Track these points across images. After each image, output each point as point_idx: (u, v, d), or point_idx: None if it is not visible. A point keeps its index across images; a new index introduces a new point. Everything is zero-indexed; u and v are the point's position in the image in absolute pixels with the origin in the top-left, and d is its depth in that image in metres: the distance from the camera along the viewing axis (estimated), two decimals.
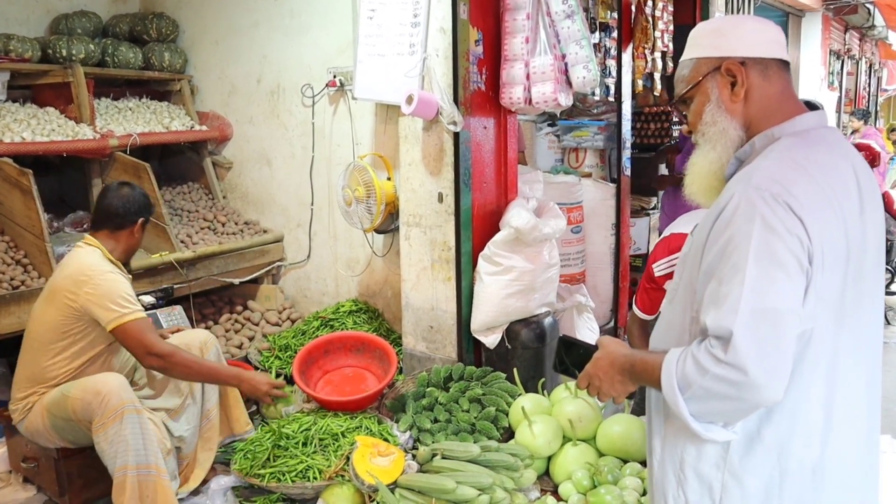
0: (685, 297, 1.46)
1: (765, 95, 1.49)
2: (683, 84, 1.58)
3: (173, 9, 4.80)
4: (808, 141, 1.43)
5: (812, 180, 1.34)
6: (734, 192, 1.35)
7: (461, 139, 3.23)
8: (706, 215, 1.44)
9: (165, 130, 4.44)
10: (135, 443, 2.62)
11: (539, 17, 3.25)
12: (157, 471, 2.65)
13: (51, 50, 4.12)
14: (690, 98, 1.56)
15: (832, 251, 1.32)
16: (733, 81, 1.49)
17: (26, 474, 3.07)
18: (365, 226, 3.75)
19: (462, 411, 2.97)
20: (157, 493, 2.64)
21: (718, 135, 1.51)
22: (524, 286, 3.30)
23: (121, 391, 2.65)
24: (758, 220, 1.29)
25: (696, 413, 1.32)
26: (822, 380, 1.36)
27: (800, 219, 1.28)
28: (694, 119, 1.56)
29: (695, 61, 1.55)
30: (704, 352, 1.28)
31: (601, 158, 5.04)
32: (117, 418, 2.62)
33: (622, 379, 1.53)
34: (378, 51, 3.48)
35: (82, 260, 2.78)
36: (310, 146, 4.24)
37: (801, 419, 1.37)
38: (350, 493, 2.64)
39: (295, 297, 4.55)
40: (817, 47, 10.18)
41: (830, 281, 1.33)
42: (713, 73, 1.51)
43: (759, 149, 1.46)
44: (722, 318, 1.27)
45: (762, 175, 1.34)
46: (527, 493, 2.65)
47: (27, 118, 3.89)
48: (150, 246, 4.03)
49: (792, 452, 1.37)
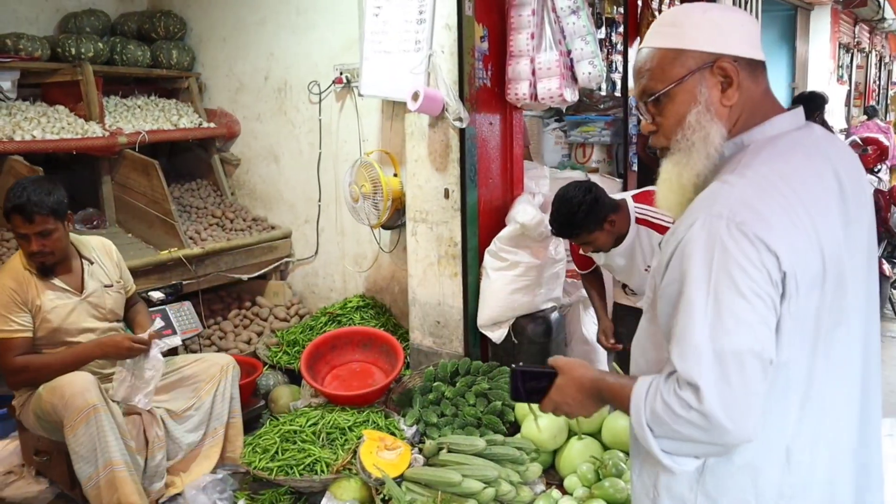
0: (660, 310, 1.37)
1: (750, 98, 1.34)
2: (661, 78, 1.35)
3: (181, 7, 4.83)
4: (779, 149, 1.30)
5: (782, 199, 1.23)
6: (696, 218, 1.24)
7: (467, 135, 3.25)
8: (670, 234, 1.33)
9: (174, 128, 4.47)
10: (102, 443, 2.62)
11: (544, 13, 3.26)
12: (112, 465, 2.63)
13: (60, 48, 4.16)
14: (668, 96, 1.35)
15: (806, 274, 1.23)
16: (724, 82, 1.32)
17: (38, 467, 3.10)
18: (372, 222, 3.77)
19: (468, 405, 2.99)
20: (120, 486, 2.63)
21: (702, 142, 1.32)
22: (530, 281, 3.32)
23: (85, 392, 2.62)
24: (719, 253, 1.20)
25: (667, 448, 1.25)
26: (796, 405, 1.29)
27: (768, 247, 1.19)
28: (672, 122, 1.36)
29: (675, 52, 1.34)
30: (673, 395, 1.21)
31: (608, 154, 5.04)
32: (83, 420, 2.60)
33: (590, 402, 1.44)
34: (384, 48, 3.49)
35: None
36: (317, 143, 4.26)
37: (775, 445, 1.30)
38: (357, 487, 2.66)
39: (303, 293, 4.58)
40: (826, 41, 10.12)
41: (805, 306, 1.24)
42: (702, 70, 1.32)
43: (726, 156, 1.34)
44: (686, 364, 1.20)
45: (725, 200, 1.23)
46: (532, 486, 2.67)
47: (37, 116, 3.93)
48: (158, 243, 4.06)
49: (767, 478, 1.31)
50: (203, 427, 3.05)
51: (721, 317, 1.19)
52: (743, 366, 1.18)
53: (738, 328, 1.18)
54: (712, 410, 1.17)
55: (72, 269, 2.92)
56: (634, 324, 1.51)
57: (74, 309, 2.86)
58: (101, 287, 2.98)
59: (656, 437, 1.25)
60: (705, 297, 1.20)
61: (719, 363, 1.18)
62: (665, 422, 1.22)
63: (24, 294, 2.75)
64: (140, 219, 4.18)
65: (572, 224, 2.82)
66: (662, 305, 1.31)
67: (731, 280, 1.19)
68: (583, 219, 2.79)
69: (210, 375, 3.07)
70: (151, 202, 4.09)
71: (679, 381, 1.22)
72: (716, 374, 1.18)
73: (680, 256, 1.26)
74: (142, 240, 4.15)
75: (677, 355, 1.22)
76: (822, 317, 1.27)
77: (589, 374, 1.44)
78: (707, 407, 1.17)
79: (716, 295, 1.20)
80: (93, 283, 2.95)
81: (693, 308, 1.22)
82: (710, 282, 1.20)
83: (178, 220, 4.06)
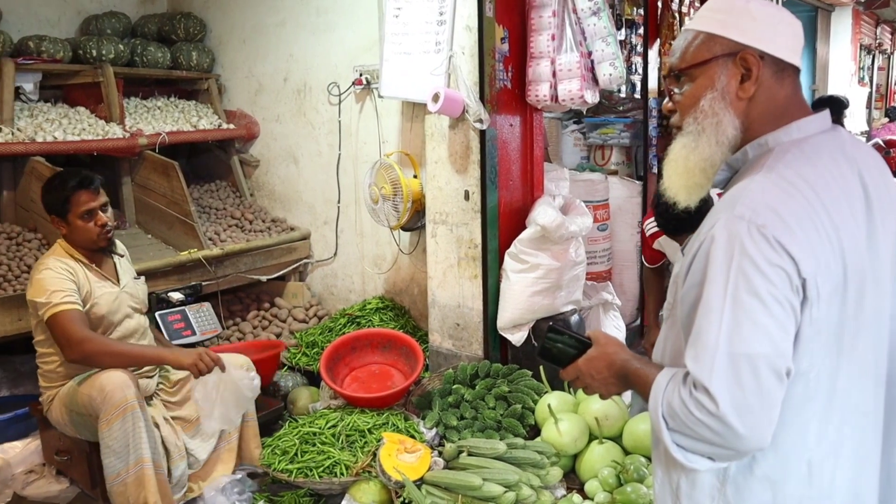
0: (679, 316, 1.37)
1: (771, 98, 1.34)
2: (686, 58, 1.38)
3: (201, 9, 4.85)
4: (803, 152, 1.29)
5: (805, 204, 1.22)
6: (717, 219, 1.25)
7: (487, 137, 3.23)
8: (694, 236, 1.33)
9: (193, 129, 4.49)
10: (136, 440, 2.63)
11: (565, 15, 3.24)
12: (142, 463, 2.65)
13: (81, 50, 4.19)
14: (689, 77, 1.37)
15: (827, 281, 1.21)
16: (745, 74, 1.32)
17: (59, 467, 3.12)
18: (391, 223, 3.76)
19: (488, 409, 2.98)
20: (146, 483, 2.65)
21: (712, 128, 1.34)
22: (550, 284, 3.30)
23: (125, 388, 2.65)
24: (738, 255, 1.19)
25: (681, 444, 1.25)
26: (817, 415, 1.28)
27: (788, 252, 1.18)
28: (688, 102, 1.37)
29: (707, 36, 1.35)
30: (689, 394, 1.21)
31: (627, 156, 5.01)
32: (120, 415, 2.62)
33: (616, 382, 1.45)
34: (404, 49, 3.49)
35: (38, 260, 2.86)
36: (336, 144, 4.26)
37: (796, 456, 1.28)
38: (376, 489, 2.65)
39: (322, 295, 4.58)
40: (847, 42, 10.02)
41: (826, 313, 1.23)
42: (726, 57, 1.33)
43: (750, 158, 1.34)
44: (699, 366, 1.20)
45: (748, 201, 1.23)
46: (553, 490, 2.65)
47: (59, 118, 3.96)
48: (178, 243, 4.08)
49: (788, 489, 1.29)
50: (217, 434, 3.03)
51: (737, 320, 1.19)
52: (757, 371, 1.17)
53: (754, 332, 1.18)
54: (727, 415, 1.17)
55: (107, 261, 3.00)
56: None
57: (117, 297, 2.93)
58: (132, 279, 3.07)
59: (670, 429, 1.25)
60: (722, 299, 1.20)
61: (733, 367, 1.18)
62: (680, 418, 1.23)
63: (76, 277, 2.80)
64: (160, 220, 4.20)
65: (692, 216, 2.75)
66: (682, 309, 1.31)
67: (749, 283, 1.18)
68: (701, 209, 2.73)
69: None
70: (171, 203, 4.11)
71: (694, 382, 1.21)
72: (728, 379, 1.18)
73: (702, 259, 1.26)
74: (161, 240, 4.17)
75: (692, 357, 1.23)
76: (844, 325, 1.26)
77: (622, 355, 1.44)
78: (722, 412, 1.17)
79: (733, 297, 1.19)
80: (125, 275, 3.03)
81: (710, 310, 1.21)
82: (729, 283, 1.20)
83: (198, 221, 4.07)
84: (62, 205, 2.80)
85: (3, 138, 3.61)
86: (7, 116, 3.72)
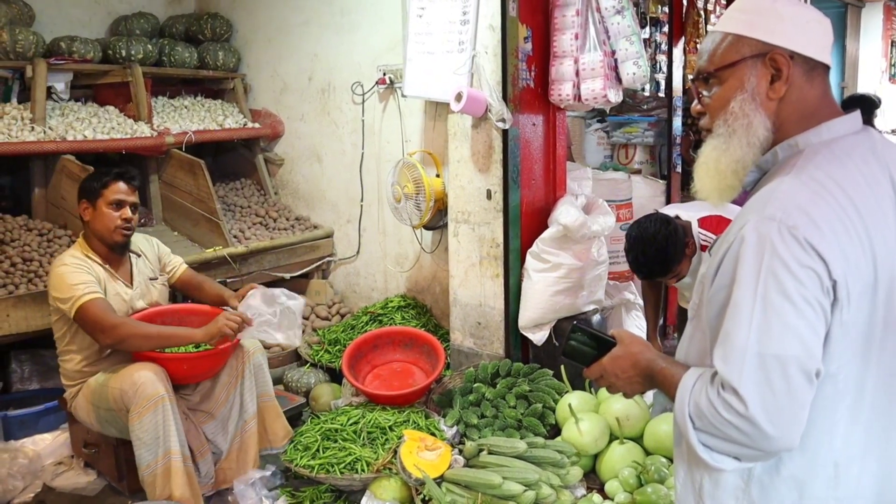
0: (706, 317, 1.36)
1: (802, 98, 1.32)
2: (714, 60, 1.36)
3: (227, 9, 4.91)
4: (835, 153, 1.28)
5: (836, 205, 1.21)
6: (747, 220, 1.24)
7: (510, 136, 3.23)
8: (721, 238, 1.33)
9: (219, 128, 4.54)
10: (166, 432, 2.69)
11: (589, 14, 3.23)
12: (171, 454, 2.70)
13: (111, 51, 4.26)
14: (718, 79, 1.36)
15: (858, 283, 1.20)
16: (775, 75, 1.31)
17: (87, 459, 3.18)
18: (414, 222, 3.78)
19: (509, 407, 2.98)
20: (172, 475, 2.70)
21: (743, 130, 1.32)
22: (572, 283, 3.29)
23: (156, 381, 2.71)
24: (769, 256, 1.18)
25: (707, 443, 1.25)
26: (845, 417, 1.26)
27: (819, 253, 1.17)
28: (717, 104, 1.36)
29: (735, 38, 1.34)
30: (717, 395, 1.21)
31: (651, 155, 4.98)
32: (151, 408, 2.68)
33: (640, 381, 1.45)
34: (427, 48, 3.50)
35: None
36: (359, 143, 4.29)
37: (823, 458, 1.27)
38: (397, 486, 2.67)
39: (344, 292, 4.61)
40: (878, 38, 9.84)
41: (856, 315, 1.21)
42: (755, 58, 1.31)
43: (780, 159, 1.33)
44: (728, 367, 1.20)
45: (778, 203, 1.22)
46: (573, 490, 2.65)
47: (88, 116, 4.04)
48: (203, 241, 4.13)
49: (814, 490, 1.28)
50: (235, 421, 3.07)
51: (767, 321, 1.18)
52: (787, 372, 1.17)
53: (784, 333, 1.17)
54: (756, 416, 1.17)
55: (123, 261, 3.04)
56: None
57: (129, 298, 2.99)
58: (147, 280, 3.11)
59: (696, 429, 1.25)
60: (752, 300, 1.19)
61: (762, 368, 1.17)
62: (707, 418, 1.23)
63: (93, 273, 2.87)
64: (186, 217, 4.26)
65: (666, 260, 2.72)
66: (710, 310, 1.31)
67: (779, 284, 1.17)
68: (674, 251, 2.71)
69: (233, 369, 3.07)
70: (197, 201, 4.17)
71: (722, 383, 1.21)
72: (758, 380, 1.17)
73: (731, 260, 1.25)
74: (187, 238, 4.23)
75: (720, 357, 1.22)
76: (874, 326, 1.25)
77: (647, 354, 1.44)
78: (751, 413, 1.17)
79: (763, 298, 1.18)
80: (140, 276, 3.08)
81: (739, 310, 1.21)
82: (759, 284, 1.19)
83: (223, 219, 4.12)
84: (98, 190, 2.89)
85: (36, 137, 3.69)
86: (39, 115, 3.80)
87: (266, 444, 3.15)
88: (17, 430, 3.33)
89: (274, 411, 3.18)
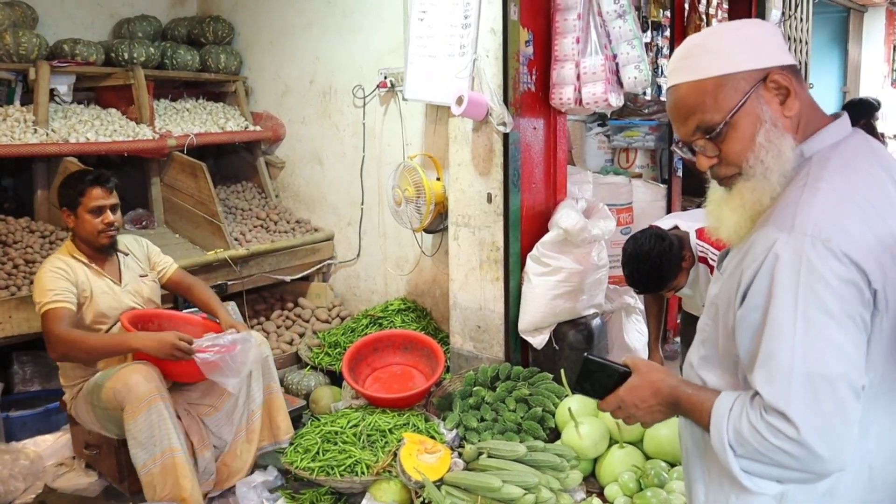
0: (724, 339, 1.32)
1: (805, 105, 1.30)
2: (714, 111, 1.28)
3: (229, 12, 4.92)
4: (843, 158, 1.26)
5: (860, 211, 1.19)
6: (776, 239, 1.20)
7: (511, 140, 3.24)
8: (738, 256, 1.29)
9: (221, 131, 4.55)
10: (162, 430, 2.70)
11: (590, 17, 3.23)
12: (171, 451, 2.71)
13: (113, 53, 4.27)
14: (729, 125, 1.28)
15: (893, 288, 1.18)
16: (781, 94, 1.28)
17: (89, 460, 3.19)
18: (414, 225, 3.78)
19: (508, 411, 2.98)
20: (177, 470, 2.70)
21: (775, 161, 1.26)
22: (572, 287, 3.30)
23: (149, 381, 2.72)
24: (806, 273, 1.15)
25: (748, 469, 1.22)
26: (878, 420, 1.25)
27: (856, 264, 1.14)
28: (739, 148, 1.28)
29: (718, 80, 1.28)
30: (762, 421, 1.17)
31: (652, 159, 4.98)
32: (144, 407, 2.68)
33: (662, 409, 1.39)
34: (429, 52, 3.51)
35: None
36: (360, 146, 4.30)
37: (858, 465, 1.25)
38: (397, 489, 2.67)
39: (345, 295, 4.62)
40: (880, 43, 9.86)
41: (893, 321, 1.20)
42: (757, 87, 1.27)
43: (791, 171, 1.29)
44: (774, 389, 1.16)
45: (805, 215, 1.19)
46: (572, 493, 2.65)
47: (91, 119, 4.05)
48: (205, 243, 4.14)
49: (850, 497, 1.27)
50: (238, 414, 3.07)
51: (810, 339, 1.15)
52: (835, 391, 1.14)
53: (829, 351, 1.15)
54: (808, 439, 1.13)
55: (111, 260, 3.07)
56: None
57: (117, 296, 3.01)
58: (137, 277, 3.13)
59: (738, 456, 1.22)
60: (793, 319, 1.16)
61: (811, 389, 1.14)
62: (751, 444, 1.19)
63: (74, 276, 2.88)
64: (187, 220, 4.27)
65: (661, 276, 2.72)
66: (743, 332, 1.26)
67: (819, 300, 1.15)
68: (668, 267, 2.71)
69: None
70: (198, 203, 4.18)
71: (765, 406, 1.17)
72: (807, 401, 1.14)
73: (764, 279, 1.21)
74: (189, 240, 4.24)
75: (763, 380, 1.18)
76: None
77: (669, 381, 1.39)
78: (804, 437, 1.14)
79: (804, 316, 1.16)
80: (129, 273, 3.10)
81: (780, 331, 1.17)
82: (798, 302, 1.16)
83: (224, 222, 4.13)
84: (75, 198, 2.91)
85: (38, 139, 3.70)
86: (42, 118, 3.81)
87: (272, 438, 3.16)
88: (19, 431, 3.35)
89: (279, 403, 3.19)
